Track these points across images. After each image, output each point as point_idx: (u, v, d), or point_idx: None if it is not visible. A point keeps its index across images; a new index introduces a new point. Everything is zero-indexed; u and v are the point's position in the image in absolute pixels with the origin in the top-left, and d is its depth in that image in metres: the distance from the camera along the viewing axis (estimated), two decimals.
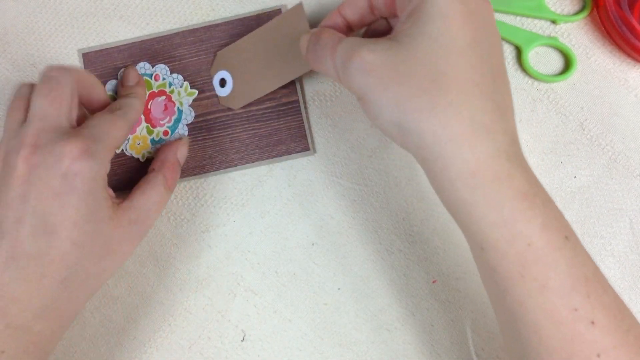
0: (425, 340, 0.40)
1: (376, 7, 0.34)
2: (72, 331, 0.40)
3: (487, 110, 0.28)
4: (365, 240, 0.41)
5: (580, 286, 0.28)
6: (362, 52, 0.29)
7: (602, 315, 0.27)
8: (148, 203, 0.35)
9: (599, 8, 0.41)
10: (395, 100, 0.28)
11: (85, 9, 0.42)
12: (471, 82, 0.28)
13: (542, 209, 0.28)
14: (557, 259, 0.28)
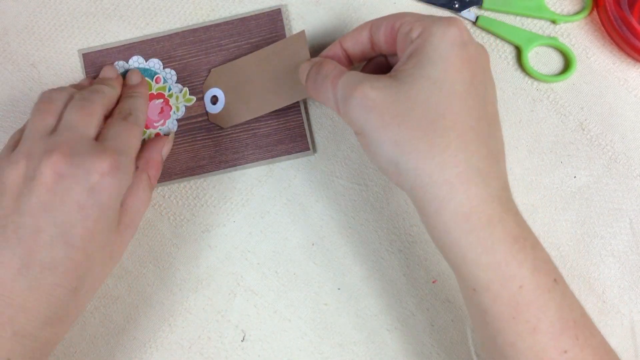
0: (425, 340, 0.40)
1: (377, 43, 0.34)
2: (72, 331, 0.40)
3: (482, 155, 0.29)
4: (365, 240, 0.41)
5: (569, 329, 0.28)
6: (365, 88, 0.30)
7: (590, 357, 0.28)
8: (138, 203, 0.35)
9: (599, 8, 0.41)
10: (394, 139, 0.29)
11: (85, 9, 0.42)
12: (468, 126, 0.29)
13: (532, 252, 0.29)
14: (547, 301, 0.28)
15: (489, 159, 0.29)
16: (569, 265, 0.40)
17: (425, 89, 0.29)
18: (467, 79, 0.30)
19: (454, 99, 0.29)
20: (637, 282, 0.40)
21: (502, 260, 0.28)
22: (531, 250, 0.29)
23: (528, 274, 0.28)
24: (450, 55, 0.29)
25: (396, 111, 0.29)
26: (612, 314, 0.39)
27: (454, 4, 0.41)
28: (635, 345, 0.39)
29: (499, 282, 0.28)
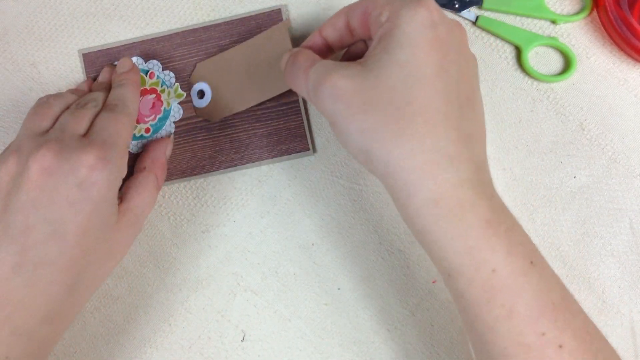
0: (425, 340, 0.40)
1: (354, 29, 0.34)
2: (72, 331, 0.40)
3: (452, 139, 0.28)
4: (365, 240, 0.41)
5: (548, 311, 0.28)
6: (333, 77, 0.29)
7: (570, 339, 0.28)
8: (143, 204, 0.35)
9: (599, 8, 0.41)
10: (362, 128, 0.29)
11: (85, 9, 0.42)
12: (436, 111, 0.28)
13: (506, 235, 0.28)
14: (523, 284, 0.28)
15: (459, 142, 0.29)
16: (569, 265, 0.40)
17: (392, 75, 0.29)
18: (437, 62, 0.29)
19: (421, 83, 0.28)
20: (637, 282, 0.40)
21: (474, 245, 0.28)
22: (505, 234, 0.28)
23: (502, 258, 0.28)
24: (418, 38, 0.29)
25: (363, 99, 0.29)
26: (612, 314, 0.39)
27: (454, 3, 0.41)
28: (635, 345, 0.39)
29: (472, 266, 0.28)
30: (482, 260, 0.28)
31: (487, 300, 0.28)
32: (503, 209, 0.30)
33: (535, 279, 0.28)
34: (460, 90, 0.30)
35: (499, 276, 0.28)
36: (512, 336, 0.28)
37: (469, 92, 0.30)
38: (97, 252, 0.32)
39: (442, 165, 0.28)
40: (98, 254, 0.33)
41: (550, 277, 0.30)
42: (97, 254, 0.33)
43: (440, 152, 0.28)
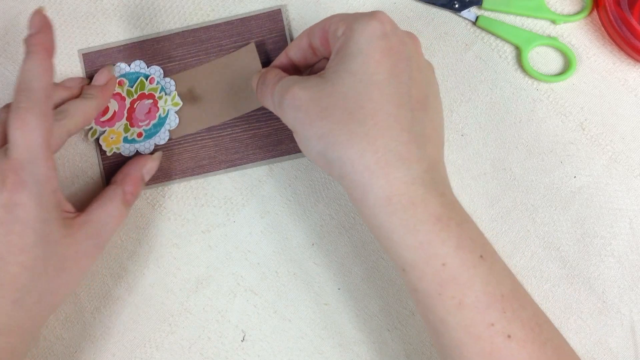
0: (426, 340, 0.40)
1: (316, 48, 0.35)
2: (72, 331, 0.40)
3: (403, 140, 0.30)
4: (366, 240, 0.41)
5: (496, 302, 0.29)
6: (294, 89, 0.32)
7: (518, 329, 0.29)
8: (105, 217, 0.35)
9: (599, 8, 0.41)
10: (319, 133, 0.31)
11: (85, 9, 0.42)
12: (386, 114, 0.30)
13: (457, 230, 0.30)
14: (472, 277, 0.29)
15: (410, 143, 0.30)
16: (569, 265, 0.40)
17: (346, 83, 0.30)
18: (387, 69, 0.30)
19: (372, 89, 0.30)
20: (637, 282, 0.40)
21: (424, 239, 0.29)
22: (456, 228, 0.30)
23: (451, 252, 0.29)
24: (369, 48, 0.30)
25: (320, 107, 0.31)
26: (612, 314, 0.40)
27: (454, 4, 0.41)
28: (635, 345, 0.39)
29: (423, 260, 0.29)
30: (432, 254, 0.29)
31: (439, 293, 0.29)
32: (455, 206, 0.31)
33: (484, 271, 0.30)
34: (412, 95, 0.31)
35: (448, 269, 0.29)
36: (462, 327, 0.29)
37: (422, 96, 0.32)
38: (42, 267, 0.32)
39: (393, 165, 0.29)
40: (44, 269, 0.32)
41: (501, 270, 0.31)
42: (43, 269, 0.32)
43: (392, 152, 0.29)
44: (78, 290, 0.41)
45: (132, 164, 0.39)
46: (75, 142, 0.41)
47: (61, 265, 0.33)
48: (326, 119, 0.30)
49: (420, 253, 0.29)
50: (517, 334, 0.29)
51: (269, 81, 0.35)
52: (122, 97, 0.41)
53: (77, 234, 0.34)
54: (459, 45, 0.42)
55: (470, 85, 0.41)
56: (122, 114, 0.41)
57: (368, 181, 0.29)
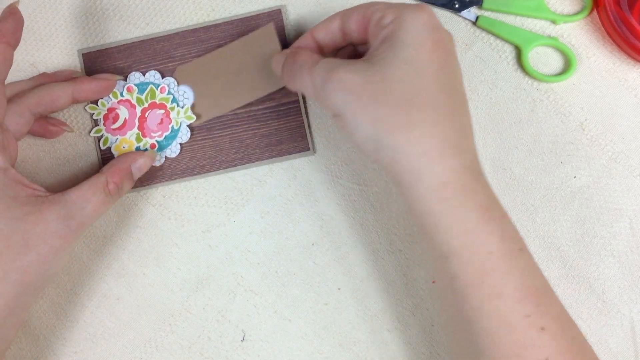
0: (425, 340, 0.40)
1: (348, 32, 0.35)
2: (72, 331, 0.40)
3: (455, 129, 0.31)
4: (365, 240, 0.41)
5: (532, 295, 0.30)
6: (341, 72, 0.31)
7: (551, 323, 0.30)
8: (80, 200, 0.35)
9: (599, 8, 0.41)
10: (373, 117, 0.31)
11: (85, 9, 0.42)
12: (441, 103, 0.31)
13: (500, 222, 0.31)
14: (513, 268, 0.30)
15: (461, 132, 0.31)
16: (569, 265, 0.40)
17: (400, 70, 0.31)
18: (438, 61, 0.31)
19: (428, 77, 0.31)
20: (637, 282, 0.40)
21: (473, 228, 0.30)
22: (500, 219, 0.31)
23: (496, 241, 0.30)
24: (422, 38, 0.31)
25: (373, 91, 0.31)
26: (612, 314, 0.40)
27: (454, 4, 0.41)
28: (635, 345, 0.39)
29: (469, 248, 0.30)
30: (479, 243, 0.30)
31: (480, 281, 0.30)
32: (496, 198, 0.32)
33: (523, 264, 0.31)
34: (457, 89, 0.32)
35: (493, 259, 0.30)
36: (498, 316, 0.30)
37: (463, 91, 0.33)
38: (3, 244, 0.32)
39: (448, 153, 0.30)
40: (5, 244, 0.33)
41: (534, 265, 0.32)
42: (3, 245, 0.33)
43: (447, 140, 0.30)
44: (78, 289, 0.41)
45: (122, 156, 0.39)
46: (75, 142, 0.41)
47: (26, 242, 0.33)
48: (381, 104, 0.30)
49: (467, 241, 0.30)
50: (550, 327, 0.30)
51: (304, 62, 0.34)
52: (132, 105, 0.41)
53: (45, 212, 0.34)
54: (459, 45, 0.42)
55: (470, 85, 0.41)
56: (134, 123, 0.41)
57: (423, 167, 0.30)
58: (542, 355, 0.29)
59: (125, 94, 0.41)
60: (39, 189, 0.35)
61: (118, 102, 0.41)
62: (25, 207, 0.33)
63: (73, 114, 0.42)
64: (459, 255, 0.30)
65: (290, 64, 0.35)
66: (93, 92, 0.39)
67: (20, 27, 0.35)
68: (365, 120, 0.31)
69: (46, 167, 0.41)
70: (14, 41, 0.35)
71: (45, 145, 0.41)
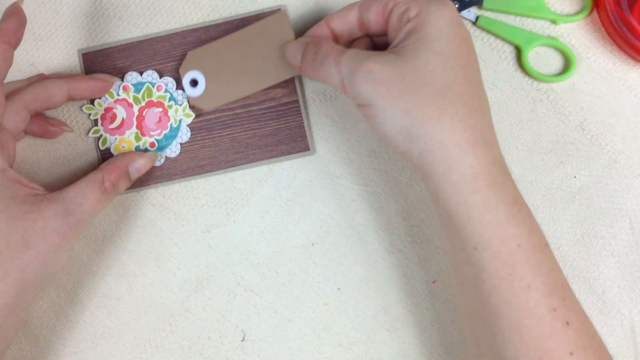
0: (425, 340, 0.40)
1: (366, 23, 0.36)
2: (72, 331, 0.40)
3: (486, 123, 0.32)
4: (365, 240, 0.41)
5: (558, 290, 0.31)
6: (370, 63, 0.31)
7: (575, 318, 0.30)
8: (78, 197, 0.35)
9: (599, 8, 0.41)
10: (406, 108, 0.31)
11: (85, 9, 0.42)
12: (472, 96, 0.31)
13: (528, 215, 0.31)
14: (541, 261, 0.31)
15: (490, 127, 0.32)
16: (569, 265, 0.40)
17: (430, 62, 0.31)
18: (465, 55, 0.32)
19: (458, 71, 0.31)
20: (637, 282, 0.40)
21: (503, 219, 0.30)
22: (527, 213, 0.31)
23: (525, 234, 0.30)
24: (449, 32, 0.32)
25: (404, 82, 0.31)
26: (612, 314, 0.40)
27: (454, 3, 0.41)
28: (635, 345, 0.39)
29: (499, 239, 0.30)
30: (509, 235, 0.30)
31: (509, 273, 0.30)
32: (520, 193, 0.32)
33: (549, 258, 0.31)
34: (481, 83, 0.33)
35: (522, 251, 0.30)
36: (526, 309, 0.30)
37: (483, 87, 0.33)
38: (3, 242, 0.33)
39: (480, 145, 0.31)
40: (5, 244, 0.33)
41: (557, 261, 0.32)
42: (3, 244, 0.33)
43: (479, 132, 0.31)
44: (78, 289, 0.41)
45: (122, 155, 0.39)
46: (75, 141, 0.41)
47: (25, 240, 0.33)
48: (413, 94, 0.31)
49: (498, 232, 0.30)
50: (574, 322, 0.30)
51: (329, 52, 0.34)
52: (128, 104, 0.41)
53: (44, 210, 0.34)
54: None
55: None
56: (131, 122, 0.41)
57: (456, 158, 0.30)
58: (567, 349, 0.30)
59: (121, 93, 0.41)
60: (37, 187, 0.35)
61: (115, 102, 0.41)
62: (24, 206, 0.33)
63: (73, 114, 0.42)
64: (489, 246, 0.30)
65: (313, 54, 0.35)
66: (89, 91, 0.39)
67: (23, 27, 0.35)
68: (397, 110, 0.31)
69: (46, 167, 0.41)
70: (14, 41, 0.34)
71: (45, 145, 0.41)
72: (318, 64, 0.34)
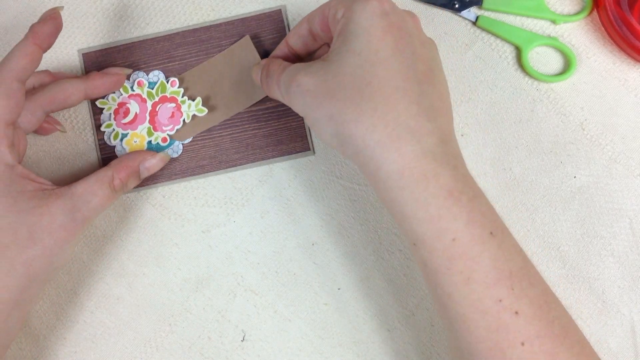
0: (425, 340, 0.40)
1: (316, 34, 0.36)
2: (71, 331, 0.40)
3: (412, 113, 0.30)
4: (365, 240, 0.41)
5: (504, 279, 0.29)
6: (299, 77, 0.32)
7: (526, 306, 0.29)
8: (86, 193, 0.35)
9: (599, 8, 0.41)
10: (329, 114, 0.31)
11: (85, 9, 0.42)
12: (394, 88, 0.30)
13: (467, 205, 0.30)
14: (481, 253, 0.29)
15: (420, 116, 0.30)
16: (569, 265, 0.40)
17: (351, 62, 0.31)
18: (390, 45, 0.31)
19: (377, 65, 0.30)
20: (637, 282, 0.40)
21: (435, 213, 0.29)
22: (467, 203, 0.30)
23: (462, 227, 0.29)
24: (370, 26, 0.31)
25: (327, 88, 0.31)
26: (612, 314, 0.40)
27: (454, 4, 0.41)
28: (635, 345, 0.39)
29: (433, 235, 0.29)
30: (443, 229, 0.29)
31: (447, 267, 0.29)
32: (467, 180, 0.31)
33: (493, 248, 0.30)
34: (418, 69, 0.31)
35: (458, 244, 0.29)
36: (469, 302, 0.29)
37: (427, 70, 0.32)
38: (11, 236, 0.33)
39: (404, 138, 0.29)
40: (13, 238, 0.33)
41: (511, 248, 0.31)
42: (12, 238, 0.33)
43: (402, 125, 0.30)
44: (78, 289, 0.41)
45: (133, 154, 0.39)
46: (75, 141, 0.41)
47: (32, 235, 0.33)
48: (334, 99, 0.31)
49: (430, 227, 0.29)
50: (525, 310, 0.29)
51: (273, 72, 0.35)
52: (142, 99, 0.41)
53: (52, 205, 0.34)
54: (459, 45, 0.42)
55: (470, 85, 0.41)
56: (144, 117, 0.41)
57: (380, 155, 0.30)
58: (518, 339, 0.29)
59: (135, 89, 0.41)
60: (45, 182, 0.35)
61: (129, 97, 0.41)
62: (32, 201, 0.34)
63: (73, 114, 0.42)
64: (424, 242, 0.30)
65: (265, 76, 0.36)
66: (104, 88, 0.39)
67: (57, 33, 0.35)
68: (324, 118, 0.31)
69: (46, 167, 0.41)
70: (46, 45, 0.35)
71: (45, 145, 0.41)
72: (266, 84, 0.36)
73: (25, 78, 0.34)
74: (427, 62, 0.32)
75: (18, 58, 0.34)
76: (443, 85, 0.33)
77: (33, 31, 0.34)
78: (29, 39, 0.34)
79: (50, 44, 0.35)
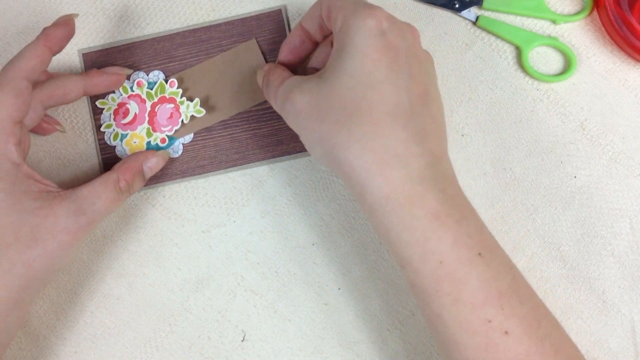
0: (425, 340, 0.40)
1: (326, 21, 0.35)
2: (72, 331, 0.40)
3: (400, 138, 0.30)
4: (365, 240, 0.41)
5: (493, 299, 0.29)
6: (294, 95, 0.32)
7: (516, 325, 0.29)
8: (92, 196, 0.35)
9: (599, 8, 0.41)
10: (319, 137, 0.32)
11: (85, 9, 0.42)
12: (383, 113, 0.30)
13: (454, 227, 0.30)
14: (468, 274, 0.29)
15: (408, 141, 0.30)
16: (569, 265, 0.40)
17: (343, 84, 0.31)
18: (385, 67, 0.31)
19: (369, 89, 0.30)
20: (637, 282, 0.40)
21: (421, 237, 0.29)
22: (454, 226, 0.30)
23: (448, 249, 0.29)
24: (366, 48, 0.31)
25: (319, 110, 0.31)
26: (612, 314, 0.40)
27: (454, 4, 0.41)
28: (635, 345, 0.39)
29: (419, 258, 0.30)
30: (429, 252, 0.29)
31: (435, 289, 0.30)
32: (455, 201, 0.31)
33: (481, 269, 0.30)
34: (411, 90, 0.31)
35: (445, 267, 0.29)
36: (457, 323, 0.29)
37: (421, 91, 0.32)
38: (12, 236, 0.33)
39: (390, 164, 0.30)
40: (15, 238, 0.33)
41: (500, 267, 0.31)
42: (13, 237, 0.33)
43: (390, 151, 0.30)
44: (78, 289, 0.41)
45: (134, 155, 0.39)
46: (76, 142, 0.41)
47: (35, 236, 0.33)
48: (325, 122, 0.31)
49: (417, 250, 0.30)
50: (515, 330, 0.29)
51: (272, 83, 0.35)
52: (142, 99, 0.41)
53: (56, 207, 0.34)
54: (459, 45, 0.42)
55: (471, 85, 0.41)
56: (144, 117, 0.41)
57: (366, 181, 0.30)
58: (507, 359, 0.29)
59: (135, 89, 0.41)
60: (50, 184, 0.35)
61: (128, 97, 0.41)
62: (36, 202, 0.34)
63: (73, 114, 0.42)
64: (410, 264, 0.30)
65: (265, 85, 0.36)
66: (104, 86, 0.39)
67: (69, 38, 0.36)
68: (314, 139, 0.32)
69: (46, 167, 0.41)
70: (57, 48, 0.35)
71: (45, 145, 0.41)
72: (266, 92, 0.36)
73: (34, 78, 0.34)
74: (422, 82, 0.32)
75: (28, 59, 0.34)
76: (437, 105, 0.33)
77: (45, 34, 0.35)
78: (40, 40, 0.35)
79: (60, 48, 0.35)
